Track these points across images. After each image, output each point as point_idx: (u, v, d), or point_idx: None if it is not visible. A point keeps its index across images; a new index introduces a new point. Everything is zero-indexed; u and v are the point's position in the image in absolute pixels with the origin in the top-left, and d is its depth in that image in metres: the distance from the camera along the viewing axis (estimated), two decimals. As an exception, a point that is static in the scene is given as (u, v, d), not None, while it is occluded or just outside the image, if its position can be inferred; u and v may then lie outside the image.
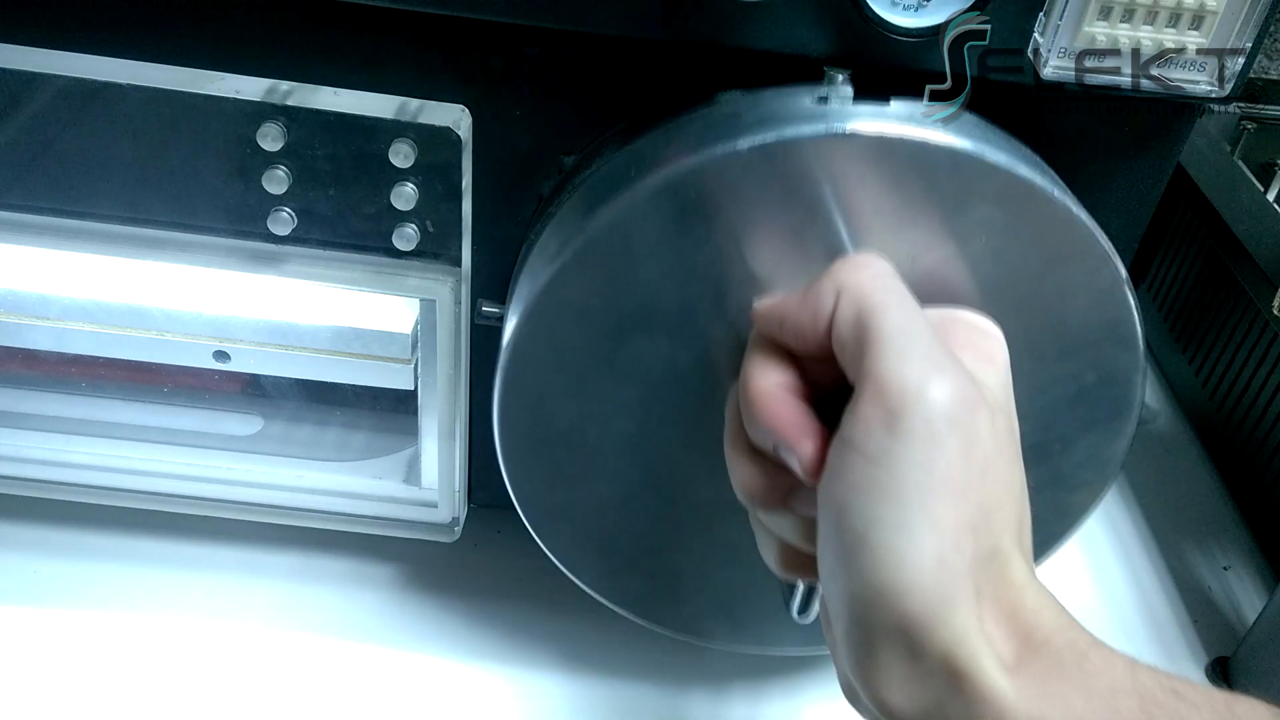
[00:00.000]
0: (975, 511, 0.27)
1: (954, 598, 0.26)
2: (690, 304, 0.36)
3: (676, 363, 0.37)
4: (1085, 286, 0.36)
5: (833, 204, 0.34)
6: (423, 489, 0.49)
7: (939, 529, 0.26)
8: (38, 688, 0.46)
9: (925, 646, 0.26)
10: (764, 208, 0.34)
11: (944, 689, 0.26)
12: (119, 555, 0.52)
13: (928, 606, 0.26)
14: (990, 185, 0.34)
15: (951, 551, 0.26)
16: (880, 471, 0.27)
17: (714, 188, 0.33)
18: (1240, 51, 0.34)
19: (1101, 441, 0.39)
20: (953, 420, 0.27)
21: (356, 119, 0.39)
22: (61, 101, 0.39)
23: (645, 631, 0.45)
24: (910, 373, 0.27)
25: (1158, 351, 0.73)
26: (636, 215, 0.34)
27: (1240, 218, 0.58)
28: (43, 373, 0.51)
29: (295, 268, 0.42)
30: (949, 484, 0.27)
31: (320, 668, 0.48)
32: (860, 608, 0.27)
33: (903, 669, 0.26)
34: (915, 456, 0.26)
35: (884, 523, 0.26)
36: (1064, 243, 0.35)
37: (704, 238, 0.34)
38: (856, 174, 0.33)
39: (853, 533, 0.27)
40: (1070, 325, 0.36)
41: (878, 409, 0.27)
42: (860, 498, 0.27)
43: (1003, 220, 0.34)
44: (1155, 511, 0.62)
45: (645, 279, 0.35)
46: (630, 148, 0.36)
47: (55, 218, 0.42)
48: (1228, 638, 0.54)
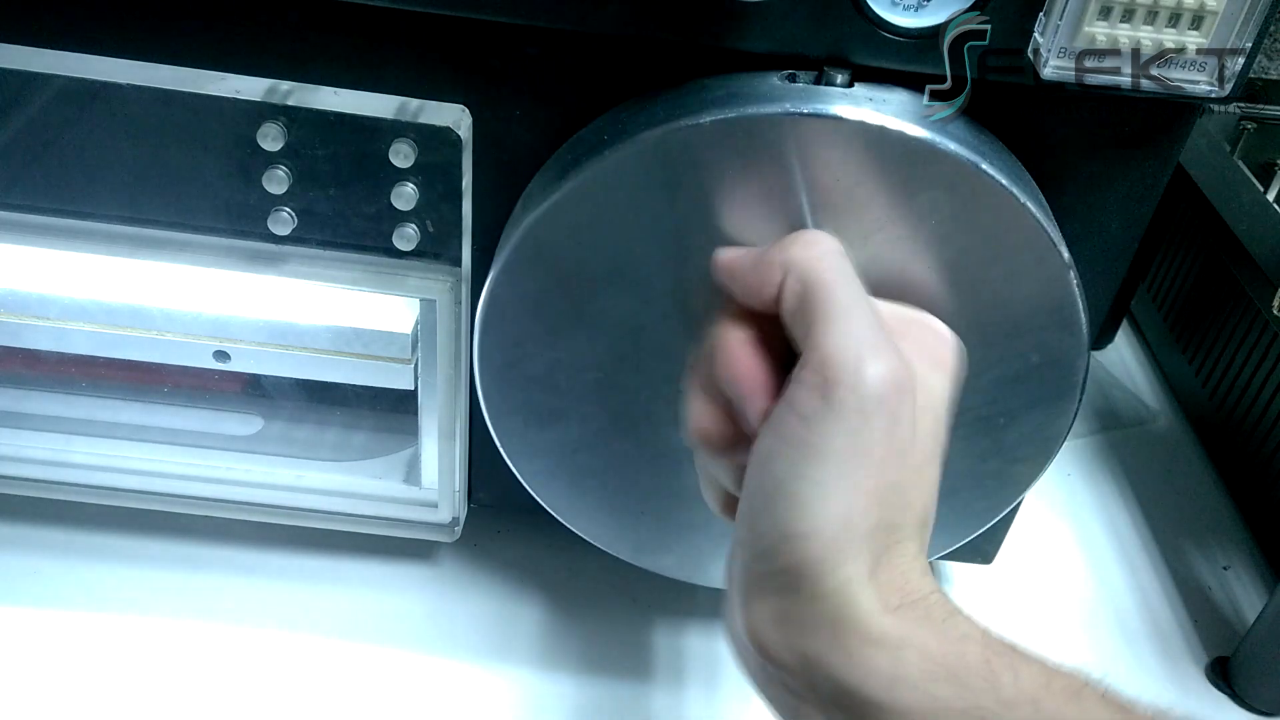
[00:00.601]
0: (886, 487, 0.30)
1: (850, 552, 0.29)
2: (656, 263, 0.38)
3: (641, 317, 0.39)
4: (1031, 272, 0.37)
5: (792, 178, 0.35)
6: (423, 489, 0.49)
7: (851, 491, 0.29)
8: (37, 688, 0.46)
9: (815, 589, 0.29)
10: (726, 178, 0.36)
11: (822, 633, 0.29)
12: (119, 555, 0.52)
13: (825, 554, 0.29)
14: (939, 171, 0.35)
15: (858, 514, 0.29)
16: (810, 433, 0.29)
17: (680, 158, 0.35)
18: (1240, 51, 0.33)
19: (1044, 420, 0.41)
20: (881, 399, 0.29)
21: (356, 119, 0.39)
22: (61, 101, 0.39)
23: (645, 632, 0.45)
24: (849, 350, 0.30)
25: (1158, 351, 0.73)
26: (610, 178, 0.36)
27: (1240, 218, 0.58)
28: (43, 373, 0.51)
29: (295, 268, 0.42)
30: (868, 456, 0.29)
31: (320, 668, 0.48)
32: (765, 547, 0.30)
33: (786, 610, 0.29)
34: (843, 425, 0.29)
35: (804, 477, 0.29)
36: (1010, 230, 0.36)
37: (671, 203, 0.36)
38: (814, 153, 0.35)
39: (774, 479, 0.30)
40: (1016, 308, 0.38)
41: (816, 377, 0.30)
42: (789, 450, 0.30)
43: (951, 205, 0.36)
44: (1155, 511, 0.62)
45: (616, 237, 0.37)
46: (610, 116, 0.38)
47: (55, 218, 0.42)
48: (1228, 638, 0.54)
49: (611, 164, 0.36)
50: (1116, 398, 0.70)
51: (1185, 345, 0.68)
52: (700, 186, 0.36)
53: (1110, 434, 0.67)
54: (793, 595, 0.29)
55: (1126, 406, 0.69)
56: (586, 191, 0.36)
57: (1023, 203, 0.36)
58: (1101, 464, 0.65)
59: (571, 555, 0.53)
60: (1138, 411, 0.69)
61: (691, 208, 0.36)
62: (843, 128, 0.34)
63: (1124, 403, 0.70)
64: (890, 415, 0.29)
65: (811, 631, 0.29)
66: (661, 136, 0.35)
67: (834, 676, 0.28)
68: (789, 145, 0.35)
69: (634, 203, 0.36)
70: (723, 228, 0.37)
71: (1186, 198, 0.62)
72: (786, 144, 0.35)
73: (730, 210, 0.36)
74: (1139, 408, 0.69)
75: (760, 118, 0.34)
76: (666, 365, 0.40)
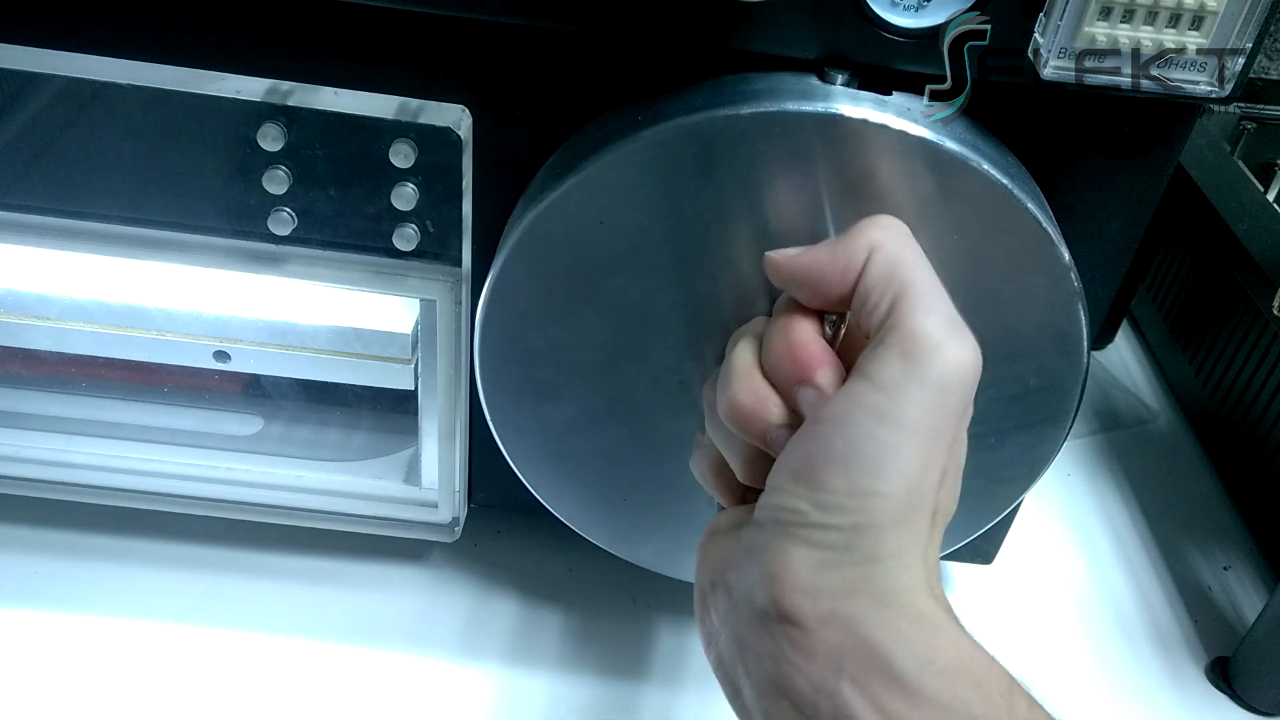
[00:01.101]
0: (948, 471, 0.30)
1: (913, 521, 0.29)
2: (658, 256, 0.38)
3: (642, 307, 0.39)
4: (1042, 297, 0.38)
5: (798, 177, 0.36)
6: (423, 489, 0.49)
7: (924, 463, 0.29)
8: (37, 689, 0.46)
9: (873, 550, 0.29)
10: (729, 176, 0.36)
11: (865, 596, 0.28)
12: (119, 555, 0.52)
13: (892, 517, 0.29)
14: (968, 188, 0.35)
15: (927, 488, 0.29)
16: (888, 400, 0.29)
17: (706, 149, 0.35)
18: (1240, 52, 0.33)
19: (1034, 443, 0.42)
20: (962, 379, 0.30)
21: (357, 119, 0.39)
22: (62, 101, 0.39)
23: (645, 632, 0.45)
24: (935, 327, 0.30)
25: (1158, 351, 0.73)
26: (631, 161, 0.36)
27: (1240, 218, 0.58)
28: (43, 373, 0.51)
29: (295, 268, 0.42)
30: (941, 433, 0.29)
31: (319, 668, 0.48)
32: (831, 501, 0.29)
33: (832, 564, 0.29)
34: (923, 398, 0.29)
35: (882, 441, 0.29)
36: (1028, 253, 0.37)
37: (675, 198, 0.37)
38: (819, 151, 0.35)
39: (849, 441, 0.30)
40: (1022, 330, 0.38)
41: (897, 351, 0.30)
42: (867, 416, 0.29)
43: (975, 222, 0.36)
44: (1155, 511, 0.62)
45: (619, 232, 0.37)
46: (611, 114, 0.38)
47: (55, 218, 0.42)
48: (1228, 638, 0.54)
49: (617, 159, 0.36)
50: (1117, 398, 0.70)
51: (1185, 345, 0.68)
52: (702, 184, 0.36)
53: (1110, 434, 0.67)
54: (846, 553, 0.29)
55: (1127, 407, 0.69)
56: (591, 185, 0.36)
57: (1045, 229, 0.36)
58: (1102, 464, 0.65)
59: (571, 556, 0.53)
60: (1138, 412, 0.69)
61: (696, 203, 0.36)
62: (846, 126, 0.34)
63: (1124, 403, 0.70)
64: (963, 399, 0.30)
65: (855, 592, 0.29)
66: (664, 133, 0.35)
67: (868, 639, 0.28)
68: (797, 144, 0.35)
69: (637, 198, 0.37)
70: (727, 223, 0.37)
71: (1187, 198, 0.62)
72: (795, 142, 0.35)
73: (734, 207, 0.36)
74: (1139, 408, 0.69)
75: (767, 116, 0.35)
76: (666, 355, 0.40)
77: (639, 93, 0.38)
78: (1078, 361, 0.39)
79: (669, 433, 0.42)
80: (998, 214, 0.36)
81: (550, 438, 0.43)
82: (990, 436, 0.41)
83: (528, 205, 0.38)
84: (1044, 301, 0.38)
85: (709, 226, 0.37)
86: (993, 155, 0.36)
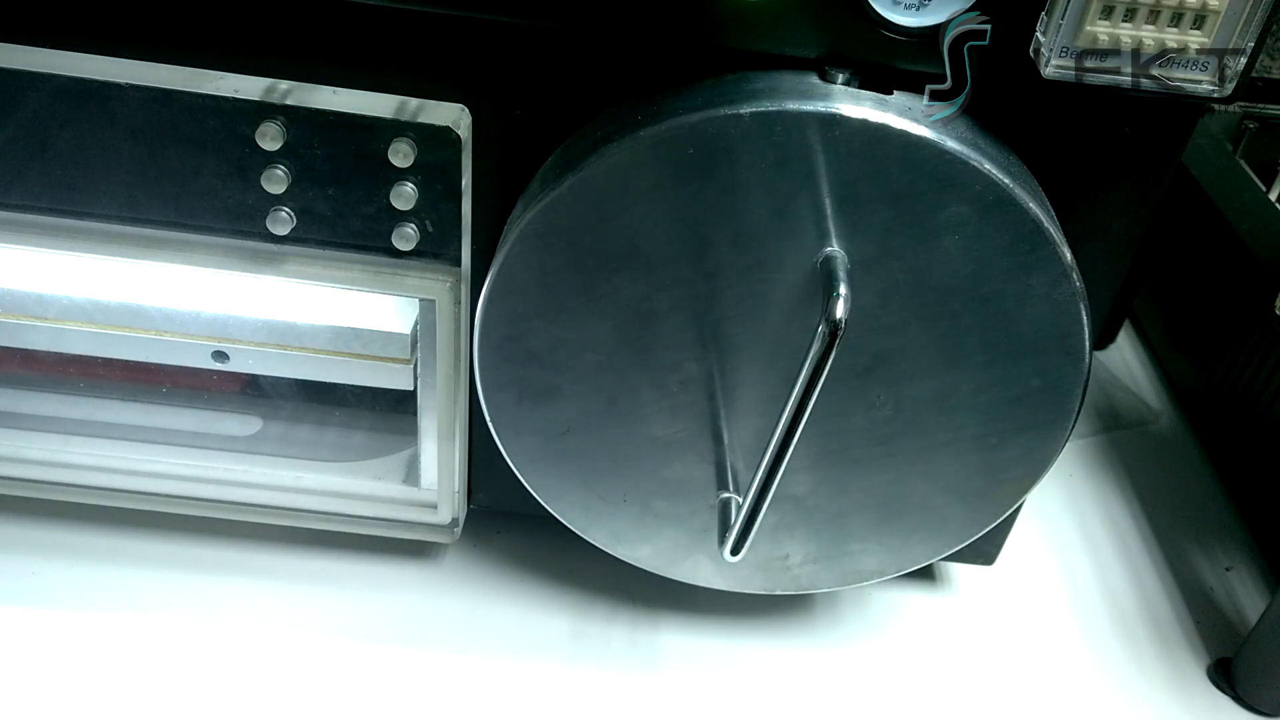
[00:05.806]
0: None
1: None
2: (660, 255, 0.38)
3: (644, 306, 0.39)
4: (1044, 297, 0.38)
5: (797, 178, 0.36)
6: (422, 489, 0.49)
7: None
8: (36, 690, 0.46)
9: None
10: (731, 176, 0.36)
11: None
12: (118, 556, 0.52)
13: None
14: (969, 187, 0.35)
15: None
16: None
17: (706, 149, 0.35)
18: (1242, 51, 0.33)
19: (1036, 443, 0.42)
20: None
21: (356, 118, 0.39)
22: (60, 101, 0.39)
23: (644, 632, 0.45)
24: None
25: (1160, 352, 0.73)
26: (631, 161, 0.36)
27: (1242, 217, 0.58)
28: (42, 373, 0.51)
29: (294, 268, 0.42)
30: None
31: (319, 668, 0.48)
32: None
33: None
34: None
35: None
36: (1029, 253, 0.37)
37: (676, 197, 0.36)
38: (817, 151, 0.35)
39: None
40: (1024, 331, 0.38)
41: None
42: None
43: (976, 222, 0.36)
44: (1156, 512, 0.61)
45: (620, 230, 0.37)
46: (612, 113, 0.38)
47: (54, 218, 0.42)
48: (1230, 639, 0.54)
49: (617, 159, 0.36)
50: (1118, 398, 0.70)
51: (1188, 346, 0.68)
52: (703, 183, 0.36)
53: (1112, 434, 0.67)
54: None
55: (1128, 407, 0.69)
56: (591, 184, 0.36)
57: (1045, 228, 0.36)
58: (1103, 464, 0.65)
59: (571, 556, 0.53)
60: (1140, 412, 0.69)
61: (696, 203, 0.36)
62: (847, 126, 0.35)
63: (1126, 403, 0.70)
64: None
65: None
66: (664, 133, 0.35)
67: None
68: (797, 143, 0.35)
69: (637, 197, 0.37)
70: (729, 223, 0.37)
71: (1189, 198, 0.62)
72: (795, 142, 0.35)
73: (734, 207, 0.36)
74: (1141, 408, 0.69)
75: (767, 115, 0.35)
76: (668, 356, 0.40)
77: (639, 92, 0.37)
78: (1080, 362, 0.39)
79: (669, 433, 0.42)
80: (999, 214, 0.36)
81: (550, 438, 0.43)
82: (992, 437, 0.41)
83: (527, 205, 0.38)
84: (1046, 302, 0.38)
85: (709, 226, 0.37)
86: (994, 155, 0.36)
